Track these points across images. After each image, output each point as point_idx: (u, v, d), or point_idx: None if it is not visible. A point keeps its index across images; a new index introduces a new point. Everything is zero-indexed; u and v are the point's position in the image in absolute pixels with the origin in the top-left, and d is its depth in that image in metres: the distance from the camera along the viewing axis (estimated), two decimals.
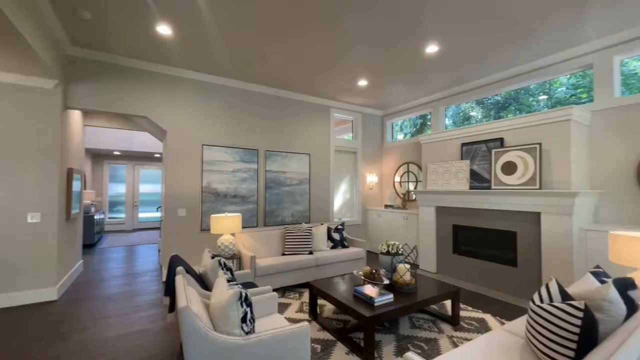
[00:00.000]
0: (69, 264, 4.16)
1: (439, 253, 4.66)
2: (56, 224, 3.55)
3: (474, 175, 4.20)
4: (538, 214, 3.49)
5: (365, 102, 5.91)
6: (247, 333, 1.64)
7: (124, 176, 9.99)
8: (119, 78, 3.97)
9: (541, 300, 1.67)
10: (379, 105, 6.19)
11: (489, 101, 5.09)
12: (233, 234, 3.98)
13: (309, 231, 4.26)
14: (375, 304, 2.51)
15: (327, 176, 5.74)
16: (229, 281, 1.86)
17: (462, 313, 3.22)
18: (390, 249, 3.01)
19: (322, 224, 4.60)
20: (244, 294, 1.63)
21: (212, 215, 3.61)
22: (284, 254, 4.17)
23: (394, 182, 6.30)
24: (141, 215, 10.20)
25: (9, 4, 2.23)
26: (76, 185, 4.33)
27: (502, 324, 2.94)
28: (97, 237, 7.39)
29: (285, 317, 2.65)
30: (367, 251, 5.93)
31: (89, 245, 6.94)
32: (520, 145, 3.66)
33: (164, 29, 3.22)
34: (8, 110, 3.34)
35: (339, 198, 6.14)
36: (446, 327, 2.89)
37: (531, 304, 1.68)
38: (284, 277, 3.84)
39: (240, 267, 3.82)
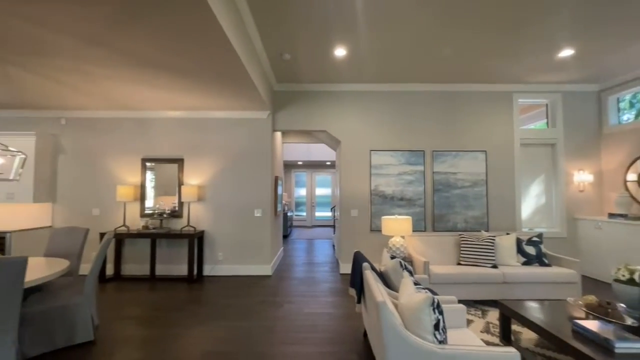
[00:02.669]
0: (276, 249, 5.45)
1: None
2: (269, 218, 4.74)
3: None
4: None
5: (567, 77, 4.52)
6: (440, 342, 1.55)
7: (304, 182, 12.18)
8: (305, 101, 4.87)
9: None
10: (592, 78, 4.57)
11: None
12: (403, 237, 3.99)
13: (491, 241, 3.65)
14: (616, 350, 1.81)
15: (511, 176, 4.76)
16: (415, 284, 1.84)
17: None
18: (637, 278, 2.10)
19: (508, 234, 3.83)
20: (436, 301, 1.57)
21: (383, 217, 3.76)
22: (459, 264, 3.77)
23: (625, 182, 4.43)
24: (317, 214, 12.09)
25: (250, 66, 3.19)
26: (279, 190, 5.64)
27: None
28: (289, 230, 9.35)
29: None
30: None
31: (284, 237, 8.86)
32: None
33: (340, 52, 3.68)
34: (245, 137, 4.78)
35: (529, 202, 4.95)
36: None
37: None
38: (460, 289, 3.46)
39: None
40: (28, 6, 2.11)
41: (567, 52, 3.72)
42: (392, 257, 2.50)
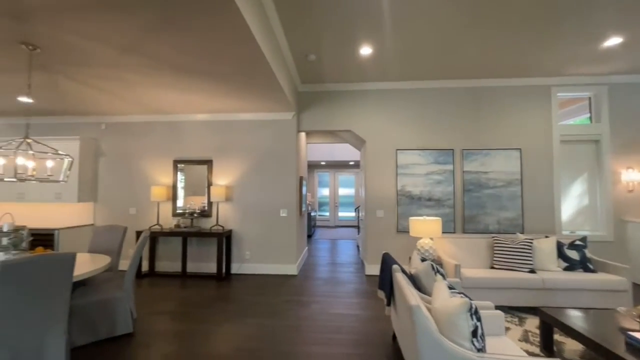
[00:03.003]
0: (301, 248, 5.49)
1: None
2: (295, 218, 4.77)
3: None
4: None
5: (613, 67, 4.17)
6: (478, 350, 1.48)
7: (327, 182, 12.18)
8: (330, 101, 4.86)
9: None
10: None
11: None
12: (431, 238, 3.86)
13: (528, 244, 3.44)
14: None
15: (550, 175, 4.47)
16: (449, 288, 1.77)
17: None
18: None
19: (547, 237, 3.60)
20: (473, 306, 1.49)
21: (410, 218, 3.66)
22: (492, 267, 3.59)
23: None
24: (340, 214, 12.04)
25: (277, 68, 3.23)
26: (304, 190, 5.67)
27: None
28: (312, 230, 9.38)
29: None
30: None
31: (308, 236, 8.90)
32: None
33: (365, 50, 3.63)
34: (271, 138, 4.85)
35: (570, 203, 4.62)
36: None
37: None
38: (494, 294, 3.30)
39: None
40: (75, 20, 2.27)
41: (614, 41, 3.43)
42: (423, 260, 2.43)
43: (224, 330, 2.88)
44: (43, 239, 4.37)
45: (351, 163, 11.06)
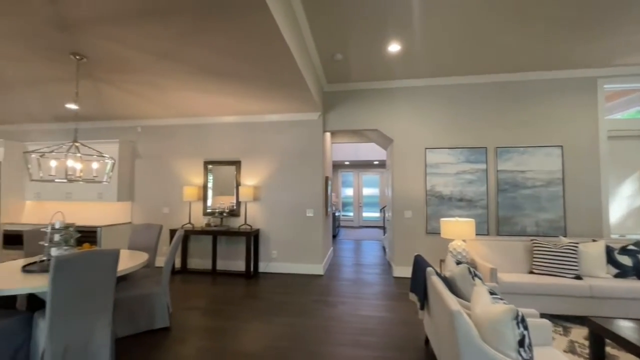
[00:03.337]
0: (326, 249, 5.48)
1: None
2: (321, 218, 4.77)
3: None
4: None
5: None
6: None
7: (351, 182, 12.09)
8: (355, 101, 4.82)
9: None
10: None
11: None
12: (464, 240, 3.71)
13: (573, 248, 3.20)
14: None
15: (596, 174, 4.14)
16: (491, 293, 1.68)
17: None
18: None
19: (594, 241, 3.33)
20: (520, 314, 1.40)
21: (441, 219, 3.54)
22: (532, 272, 3.38)
23: None
24: (364, 214, 11.91)
25: (304, 69, 3.25)
26: (329, 190, 5.65)
27: None
28: (337, 230, 9.35)
29: None
30: None
31: (332, 236, 8.88)
32: None
33: (394, 47, 3.55)
34: (297, 139, 4.89)
35: (620, 205, 4.25)
36: None
37: None
38: (534, 300, 3.10)
39: None
40: (118, 29, 2.41)
41: None
42: (458, 263, 2.33)
43: (253, 328, 2.93)
44: (87, 235, 4.69)
45: (375, 163, 10.91)
